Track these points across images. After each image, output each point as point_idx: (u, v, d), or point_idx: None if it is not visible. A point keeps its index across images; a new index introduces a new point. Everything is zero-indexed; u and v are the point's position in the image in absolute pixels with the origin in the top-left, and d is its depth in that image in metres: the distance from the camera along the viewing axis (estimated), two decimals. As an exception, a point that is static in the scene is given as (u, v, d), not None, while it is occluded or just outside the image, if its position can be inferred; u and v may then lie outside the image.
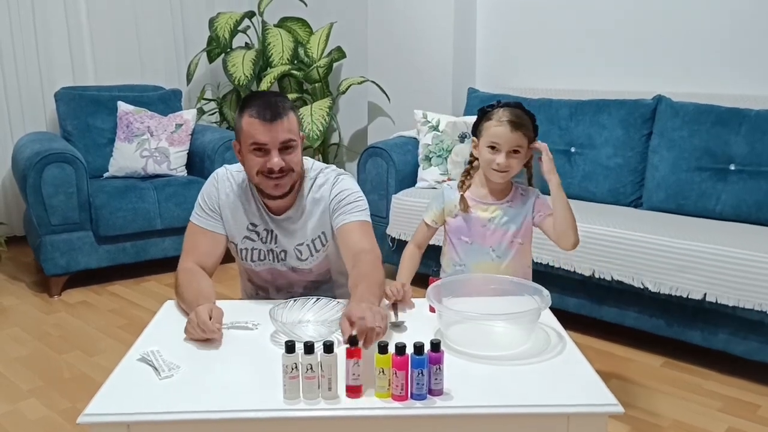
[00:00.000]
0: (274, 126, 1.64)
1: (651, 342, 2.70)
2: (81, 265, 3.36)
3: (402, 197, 3.25)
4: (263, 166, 1.68)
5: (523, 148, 1.81)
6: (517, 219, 1.86)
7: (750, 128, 2.72)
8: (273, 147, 1.66)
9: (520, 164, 1.84)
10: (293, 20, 4.48)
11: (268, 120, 1.64)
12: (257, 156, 1.68)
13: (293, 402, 1.23)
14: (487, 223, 1.85)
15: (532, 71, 3.76)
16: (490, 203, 1.87)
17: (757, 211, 2.67)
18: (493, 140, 1.80)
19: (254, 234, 1.81)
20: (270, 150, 1.66)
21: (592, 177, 3.12)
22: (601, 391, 1.28)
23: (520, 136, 1.79)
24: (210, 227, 1.81)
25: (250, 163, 1.70)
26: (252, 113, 1.66)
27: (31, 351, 2.76)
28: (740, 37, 3.02)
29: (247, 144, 1.68)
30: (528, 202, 1.88)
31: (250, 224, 1.81)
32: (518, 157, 1.81)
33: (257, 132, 1.65)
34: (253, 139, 1.66)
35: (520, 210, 1.87)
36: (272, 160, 1.66)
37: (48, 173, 3.18)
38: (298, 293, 1.85)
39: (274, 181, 1.69)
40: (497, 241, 1.86)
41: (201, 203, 1.83)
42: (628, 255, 2.54)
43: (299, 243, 1.80)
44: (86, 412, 1.21)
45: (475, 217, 1.86)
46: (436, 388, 1.25)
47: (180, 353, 1.44)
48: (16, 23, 3.97)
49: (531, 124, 1.83)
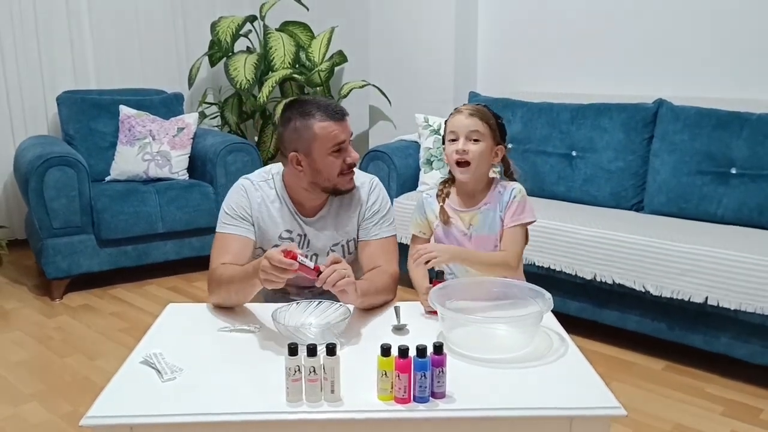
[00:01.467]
0: (344, 123, 1.73)
1: (653, 345, 2.70)
2: (83, 268, 3.36)
3: (403, 201, 3.25)
4: (344, 164, 1.73)
5: (483, 137, 1.74)
6: (494, 222, 1.80)
7: (751, 132, 2.73)
8: (348, 143, 1.74)
9: (484, 158, 1.76)
10: (295, 24, 4.49)
11: (339, 119, 1.71)
12: (336, 157, 1.72)
13: (296, 404, 1.23)
14: (467, 231, 1.81)
15: (533, 75, 3.76)
16: (469, 210, 1.81)
17: (759, 215, 2.67)
18: (451, 129, 1.77)
19: (288, 240, 1.81)
20: (347, 147, 1.73)
21: (594, 180, 3.12)
22: (603, 393, 1.28)
23: (476, 121, 1.74)
24: (241, 232, 1.79)
25: (331, 166, 1.72)
26: (323, 117, 1.69)
27: (33, 354, 2.76)
28: (741, 41, 3.03)
29: (327, 148, 1.70)
30: (503, 200, 1.80)
31: (285, 231, 1.82)
32: (479, 146, 1.74)
33: (336, 132, 1.70)
34: (336, 140, 1.70)
35: (496, 211, 1.80)
36: (352, 154, 1.74)
37: (50, 177, 3.19)
38: (319, 291, 1.84)
39: (350, 176, 1.77)
40: (480, 248, 1.80)
41: (229, 212, 1.80)
42: (630, 258, 2.54)
43: (334, 243, 1.83)
44: (89, 414, 1.21)
45: (455, 226, 1.81)
46: (438, 391, 1.25)
47: (182, 356, 1.44)
48: (18, 27, 3.98)
49: (494, 119, 1.78)
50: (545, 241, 2.75)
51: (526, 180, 1.91)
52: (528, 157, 3.33)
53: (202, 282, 3.62)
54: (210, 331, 1.58)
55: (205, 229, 3.64)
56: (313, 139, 1.69)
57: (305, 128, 1.69)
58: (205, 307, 1.75)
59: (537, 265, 2.78)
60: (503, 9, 3.81)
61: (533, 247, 2.76)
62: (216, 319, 1.65)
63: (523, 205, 1.80)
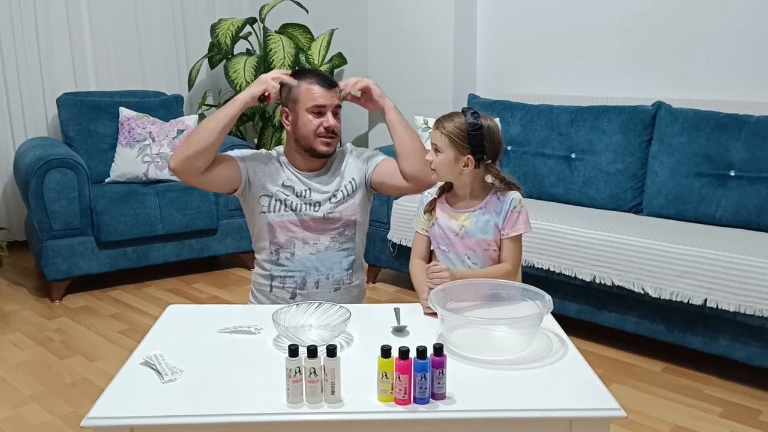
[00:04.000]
0: (331, 92, 1.92)
1: (652, 347, 2.71)
2: (82, 270, 3.36)
3: (403, 203, 3.26)
4: (320, 126, 1.91)
5: (442, 148, 1.78)
6: (488, 227, 1.81)
7: (749, 134, 2.74)
8: (329, 109, 1.92)
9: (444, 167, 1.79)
10: (294, 26, 4.50)
11: (327, 86, 1.92)
12: (315, 117, 1.91)
13: (296, 406, 1.24)
14: (459, 231, 1.83)
15: (532, 77, 3.77)
16: (461, 211, 1.83)
17: (757, 217, 2.68)
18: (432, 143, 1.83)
19: (289, 190, 1.98)
20: (326, 112, 1.91)
21: (593, 183, 3.13)
22: (603, 395, 1.29)
23: (436, 133, 1.79)
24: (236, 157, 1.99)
25: (308, 125, 1.92)
26: (312, 80, 1.92)
27: (33, 356, 2.76)
28: (740, 43, 3.04)
29: (307, 106, 1.91)
30: (502, 210, 1.81)
31: (283, 183, 1.98)
32: (438, 157, 1.79)
33: (318, 95, 1.90)
34: (315, 102, 1.90)
35: (492, 217, 1.81)
36: (329, 120, 1.92)
37: (50, 178, 3.19)
38: (324, 245, 1.99)
39: (326, 140, 1.93)
40: (471, 249, 1.83)
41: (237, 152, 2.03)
42: (629, 260, 2.55)
43: (335, 190, 2.00)
44: (90, 415, 1.22)
45: (446, 225, 1.84)
46: (438, 392, 1.25)
47: (183, 357, 1.44)
48: (18, 29, 3.99)
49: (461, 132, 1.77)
50: (545, 243, 2.75)
51: (526, 182, 1.93)
52: (527, 159, 3.33)
53: (201, 283, 3.62)
54: (210, 333, 1.58)
55: (205, 231, 3.65)
56: (298, 96, 1.92)
57: (297, 86, 1.93)
58: (205, 308, 1.76)
59: (536, 267, 2.79)
60: (502, 11, 3.82)
61: (533, 249, 2.77)
62: (216, 320, 1.66)
63: (519, 215, 1.81)
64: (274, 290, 1.99)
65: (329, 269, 1.98)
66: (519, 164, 3.35)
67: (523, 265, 2.79)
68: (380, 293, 3.48)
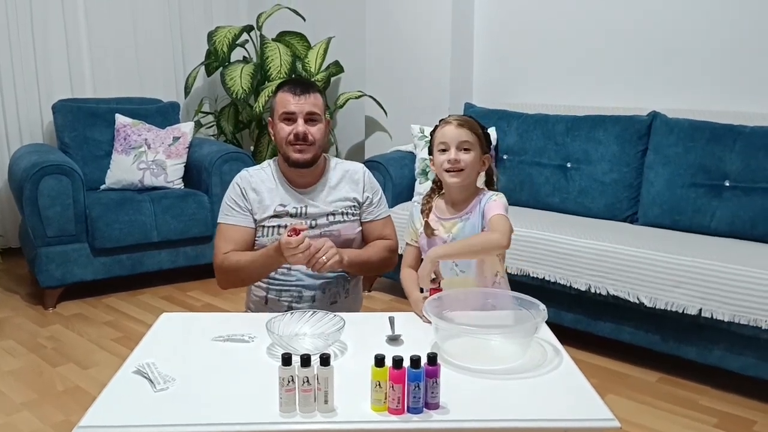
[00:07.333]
0: (301, 99, 1.91)
1: (647, 357, 2.70)
2: (76, 277, 3.35)
3: (399, 211, 3.25)
4: (290, 134, 1.90)
5: (473, 146, 1.79)
6: (474, 230, 1.81)
7: (744, 145, 2.74)
8: (300, 116, 1.91)
9: (474, 167, 1.81)
10: (291, 35, 4.51)
11: (297, 94, 1.92)
12: (287, 125, 1.92)
13: (289, 415, 1.23)
14: (446, 239, 1.83)
15: (528, 87, 3.78)
16: (450, 217, 1.84)
17: (752, 227, 2.68)
18: (441, 141, 1.82)
19: (283, 212, 1.95)
20: (297, 119, 1.91)
21: (588, 192, 3.13)
22: (597, 405, 1.28)
23: (466, 132, 1.79)
24: (240, 222, 1.96)
25: (281, 133, 1.93)
26: (285, 89, 1.94)
27: (25, 363, 2.74)
28: (735, 54, 3.05)
29: (279, 114, 1.92)
30: (481, 207, 1.81)
31: (279, 205, 1.96)
32: (470, 156, 1.79)
33: (288, 103, 1.91)
34: (285, 109, 1.91)
35: (477, 220, 1.82)
36: (298, 127, 1.90)
37: (44, 185, 3.18)
38: None
39: (298, 147, 1.91)
40: None
41: (228, 203, 1.98)
42: (624, 270, 2.55)
43: (334, 209, 1.98)
44: (81, 424, 1.21)
45: (437, 237, 1.85)
46: (432, 402, 1.25)
47: (175, 366, 1.43)
48: (15, 35, 3.99)
49: (480, 129, 1.83)
50: (540, 252, 2.75)
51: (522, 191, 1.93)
52: (523, 168, 3.34)
53: (196, 291, 3.61)
54: (203, 341, 1.58)
55: (200, 239, 3.64)
56: (274, 105, 1.96)
57: (273, 98, 1.98)
58: (198, 316, 1.76)
59: (531, 276, 2.79)
60: (499, 21, 3.84)
61: (528, 258, 2.77)
62: (209, 328, 1.65)
63: (495, 203, 1.79)
64: (269, 303, 1.98)
65: (326, 283, 1.97)
66: (515, 173, 3.35)
67: (518, 275, 2.81)
68: (376, 302, 3.47)
